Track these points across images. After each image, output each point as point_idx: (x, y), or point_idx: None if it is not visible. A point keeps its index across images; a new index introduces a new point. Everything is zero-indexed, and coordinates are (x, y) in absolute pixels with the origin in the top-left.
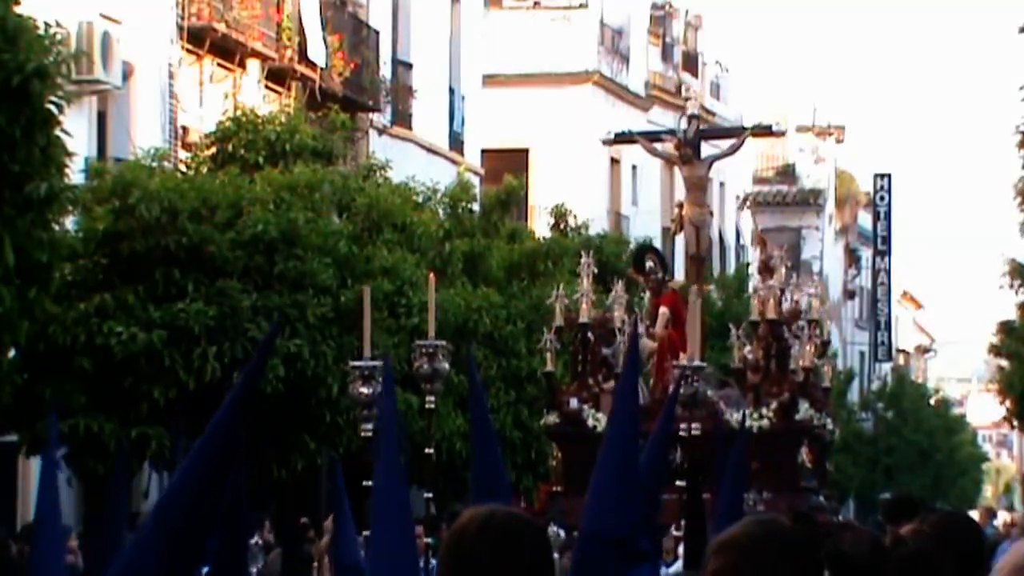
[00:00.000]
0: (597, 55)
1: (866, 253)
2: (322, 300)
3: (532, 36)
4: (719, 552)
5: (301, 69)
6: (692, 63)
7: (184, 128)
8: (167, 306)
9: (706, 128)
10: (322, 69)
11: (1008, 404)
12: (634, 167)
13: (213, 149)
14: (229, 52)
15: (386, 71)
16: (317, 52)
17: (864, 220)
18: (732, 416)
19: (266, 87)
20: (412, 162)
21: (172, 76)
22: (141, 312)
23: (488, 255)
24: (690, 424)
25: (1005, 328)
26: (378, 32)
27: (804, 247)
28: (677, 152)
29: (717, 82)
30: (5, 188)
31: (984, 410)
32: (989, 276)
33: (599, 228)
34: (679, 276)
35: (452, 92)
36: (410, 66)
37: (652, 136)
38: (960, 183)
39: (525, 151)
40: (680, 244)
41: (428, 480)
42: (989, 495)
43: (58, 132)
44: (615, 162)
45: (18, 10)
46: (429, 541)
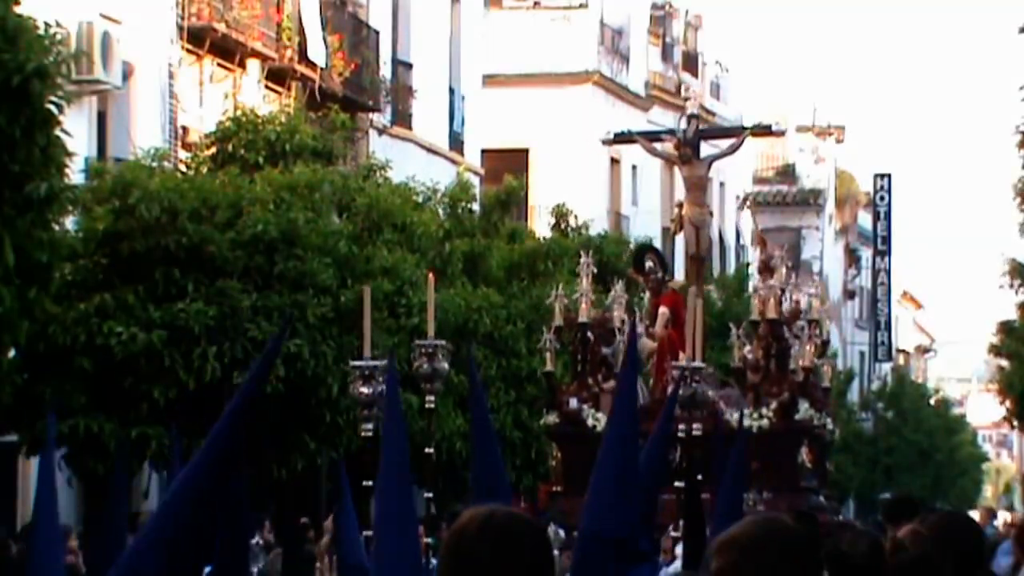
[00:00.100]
0: (597, 55)
1: (866, 253)
2: (322, 300)
3: (532, 36)
4: (721, 551)
5: (301, 69)
6: (692, 63)
7: (184, 128)
8: (167, 306)
9: (706, 128)
10: (322, 69)
11: (1008, 404)
12: (634, 167)
13: (213, 149)
14: (229, 52)
15: (386, 71)
16: (317, 52)
17: (864, 220)
18: (732, 416)
19: (266, 87)
20: (412, 162)
21: (172, 76)
22: (141, 312)
23: (488, 255)
24: (690, 425)
25: (1005, 328)
26: (378, 32)
27: (804, 247)
28: (677, 152)
29: (717, 82)
30: (5, 188)
31: (984, 410)
32: (989, 276)
33: (599, 228)
34: (679, 276)
35: (452, 92)
36: (410, 66)
37: (652, 136)
38: (960, 183)
39: (525, 151)
40: (680, 244)
41: (428, 480)
42: (989, 495)
43: (58, 132)
44: (615, 162)
45: (18, 10)
46: (429, 541)
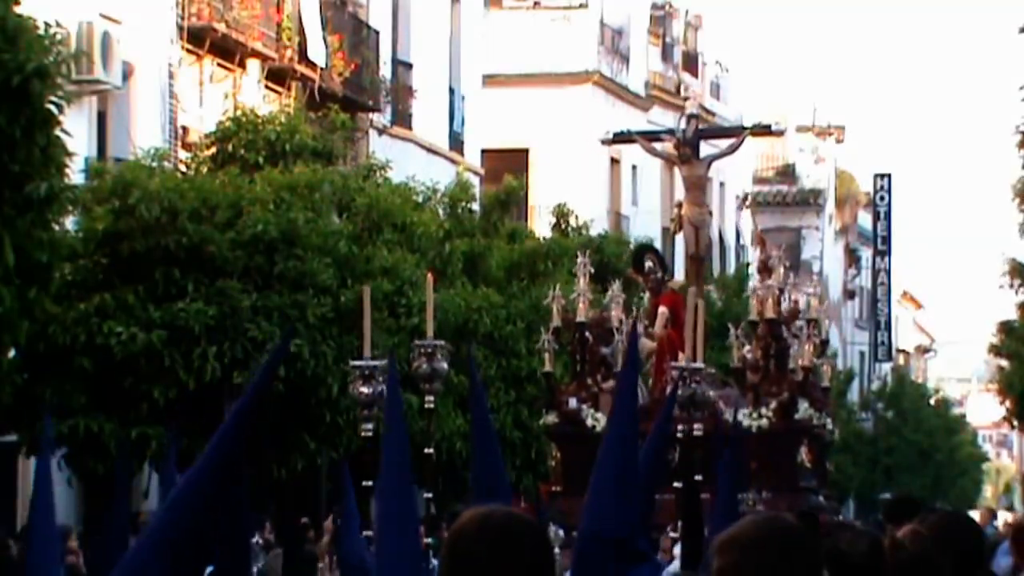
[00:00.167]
0: (597, 55)
1: (866, 253)
2: (322, 300)
3: (532, 36)
4: (722, 550)
5: (301, 69)
6: (692, 63)
7: (184, 128)
8: (167, 306)
9: (705, 128)
10: (322, 69)
11: (1008, 404)
12: (634, 167)
13: (213, 149)
14: (229, 52)
15: (386, 71)
16: (317, 52)
17: (864, 220)
18: (731, 416)
19: (266, 87)
20: (412, 162)
21: (172, 76)
22: (141, 312)
23: (488, 255)
24: (690, 425)
25: (1005, 328)
26: (378, 32)
27: (804, 247)
28: (676, 152)
29: (717, 82)
30: (5, 188)
31: (984, 410)
32: (989, 276)
33: (599, 228)
34: (680, 276)
35: (452, 92)
36: (410, 66)
37: (651, 136)
38: (960, 183)
39: (525, 151)
40: (680, 244)
41: (428, 480)
42: (989, 495)
43: (58, 132)
44: (615, 162)
45: (18, 10)
46: (429, 541)
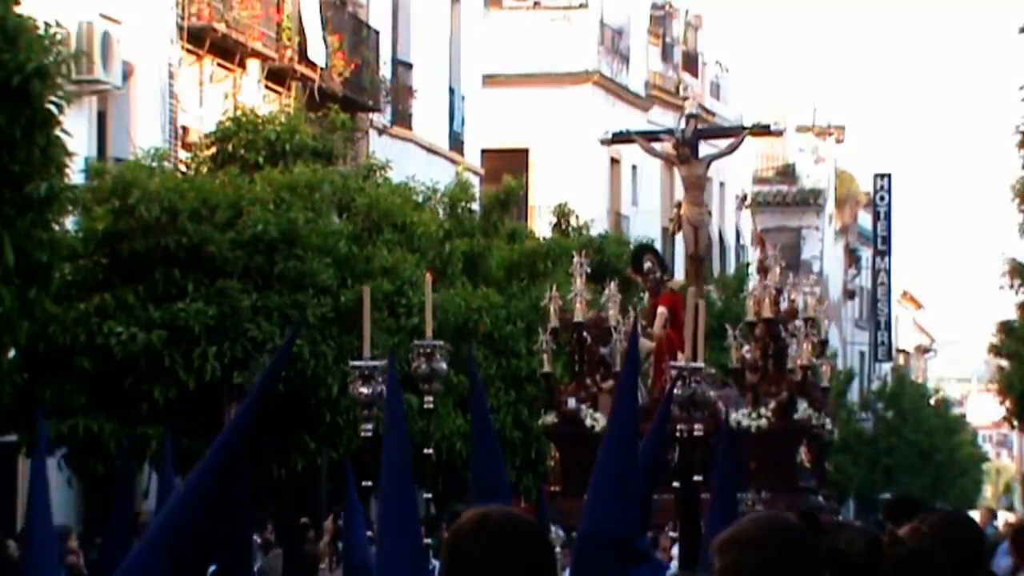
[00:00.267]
0: (597, 55)
1: (866, 253)
2: (322, 300)
3: (532, 36)
4: (722, 550)
5: (301, 69)
6: (692, 63)
7: (184, 128)
8: (167, 306)
9: (704, 128)
10: (322, 69)
11: (1008, 404)
12: (634, 167)
13: (213, 149)
14: (229, 52)
15: (386, 71)
16: (317, 52)
17: (864, 220)
18: (731, 417)
19: (266, 87)
20: (412, 162)
21: (172, 76)
22: (141, 312)
23: (488, 255)
24: (691, 425)
25: (1005, 328)
26: (378, 32)
27: (804, 247)
28: (675, 152)
29: (717, 82)
30: (5, 188)
31: (984, 410)
32: (989, 276)
33: (599, 228)
34: (680, 276)
35: (452, 92)
36: (410, 66)
37: (650, 136)
38: (960, 183)
39: (525, 151)
40: (681, 244)
41: (428, 480)
42: (989, 495)
43: (58, 132)
44: (615, 162)
45: (18, 10)
46: (428, 541)
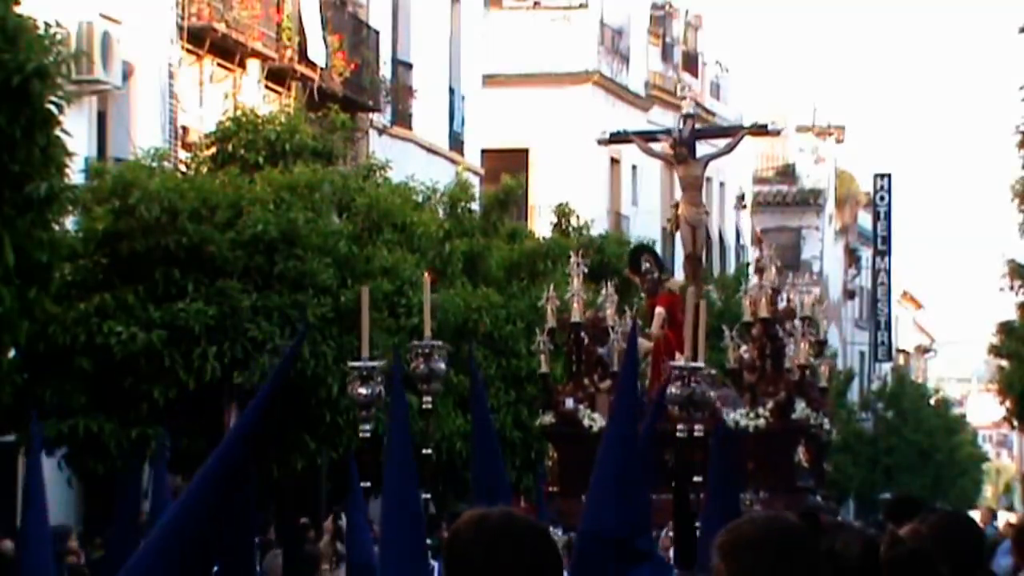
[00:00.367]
0: (597, 55)
1: (866, 253)
2: (322, 300)
3: (532, 36)
4: (722, 550)
5: (301, 69)
6: (692, 63)
7: (184, 128)
8: (167, 306)
9: (702, 127)
10: (322, 69)
11: (1008, 404)
12: (634, 167)
13: (213, 149)
14: (229, 52)
15: (386, 71)
16: (317, 52)
17: (864, 220)
18: (729, 417)
19: (266, 87)
20: (412, 162)
21: (172, 76)
22: (141, 312)
23: (488, 255)
24: (691, 426)
25: (1005, 328)
26: (378, 32)
27: (804, 247)
28: (672, 152)
29: (717, 82)
30: (5, 188)
31: (984, 410)
32: (989, 276)
33: (599, 228)
34: (681, 276)
35: (452, 92)
36: (410, 66)
37: (647, 135)
38: (960, 183)
39: (525, 151)
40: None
41: (427, 480)
42: (989, 495)
43: (58, 132)
44: (615, 162)
45: (18, 10)
46: (428, 542)
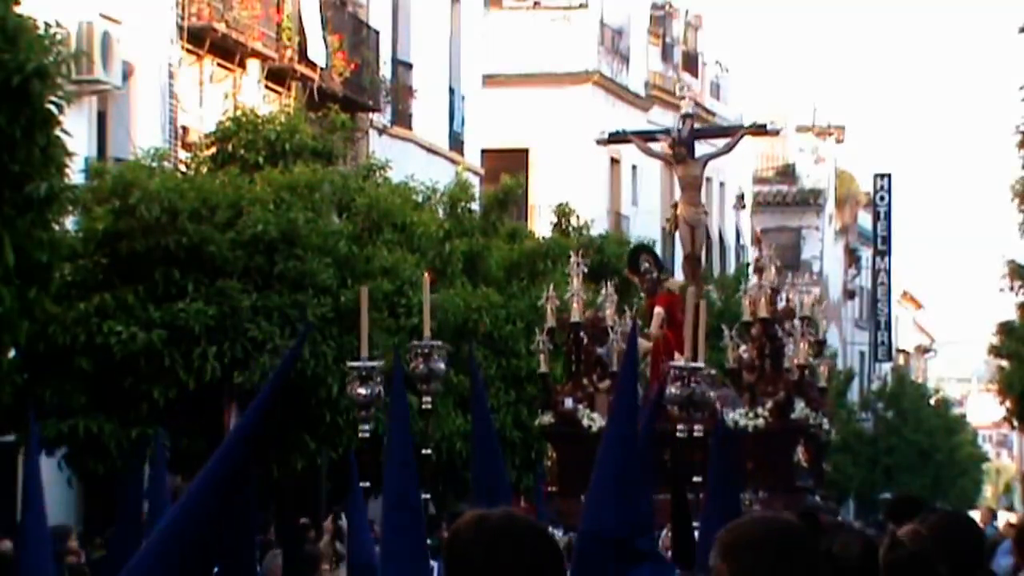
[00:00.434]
0: (597, 55)
1: (866, 253)
2: (322, 300)
3: (532, 36)
4: (721, 550)
5: (301, 69)
6: (692, 63)
7: (184, 128)
8: (167, 306)
9: (701, 127)
10: (322, 69)
11: (1008, 404)
12: (634, 167)
13: (213, 149)
14: (229, 52)
15: (386, 71)
16: (317, 52)
17: (864, 220)
18: (728, 417)
19: (266, 87)
20: (412, 162)
21: (172, 76)
22: (141, 312)
23: (488, 255)
24: (691, 426)
25: (1005, 329)
26: (378, 32)
27: (804, 247)
28: (671, 151)
29: (717, 82)
30: (5, 188)
31: (984, 410)
32: (989, 276)
33: (599, 228)
34: (680, 276)
35: (452, 92)
36: (410, 66)
37: (646, 135)
38: (960, 183)
39: (525, 151)
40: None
41: (427, 481)
42: (989, 495)
43: (58, 132)
44: (615, 162)
45: (18, 10)
46: (428, 542)
